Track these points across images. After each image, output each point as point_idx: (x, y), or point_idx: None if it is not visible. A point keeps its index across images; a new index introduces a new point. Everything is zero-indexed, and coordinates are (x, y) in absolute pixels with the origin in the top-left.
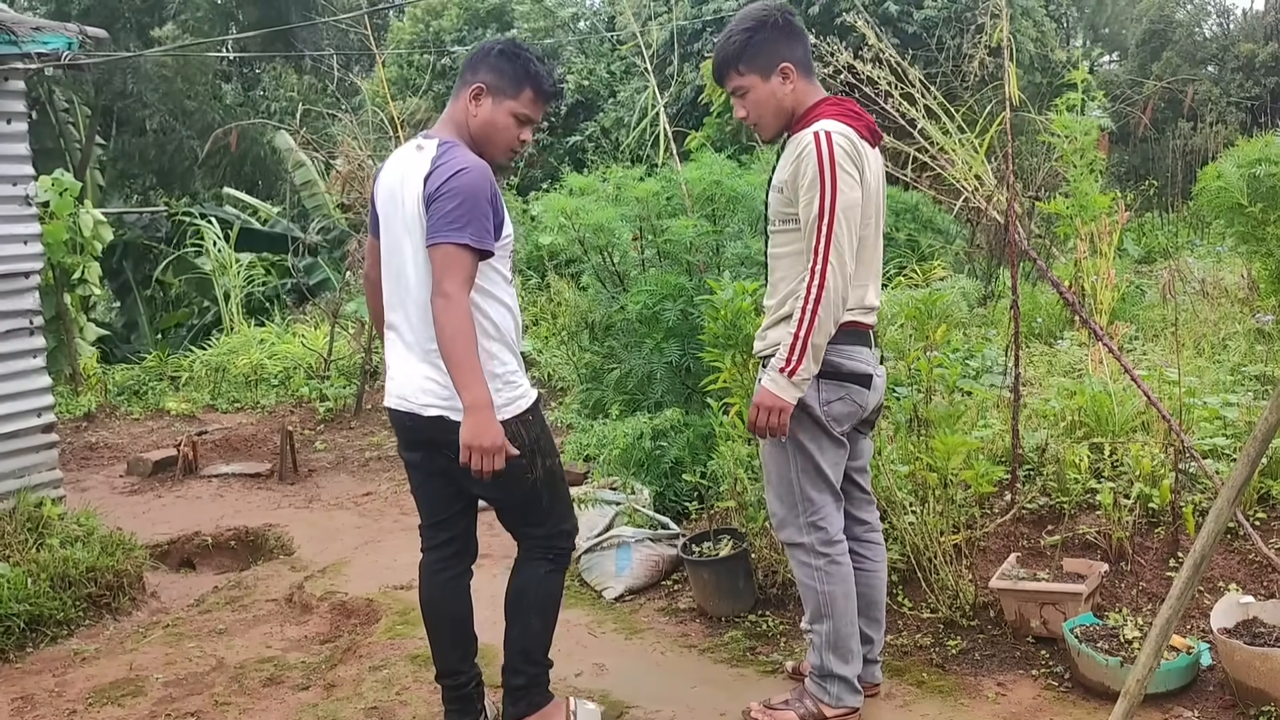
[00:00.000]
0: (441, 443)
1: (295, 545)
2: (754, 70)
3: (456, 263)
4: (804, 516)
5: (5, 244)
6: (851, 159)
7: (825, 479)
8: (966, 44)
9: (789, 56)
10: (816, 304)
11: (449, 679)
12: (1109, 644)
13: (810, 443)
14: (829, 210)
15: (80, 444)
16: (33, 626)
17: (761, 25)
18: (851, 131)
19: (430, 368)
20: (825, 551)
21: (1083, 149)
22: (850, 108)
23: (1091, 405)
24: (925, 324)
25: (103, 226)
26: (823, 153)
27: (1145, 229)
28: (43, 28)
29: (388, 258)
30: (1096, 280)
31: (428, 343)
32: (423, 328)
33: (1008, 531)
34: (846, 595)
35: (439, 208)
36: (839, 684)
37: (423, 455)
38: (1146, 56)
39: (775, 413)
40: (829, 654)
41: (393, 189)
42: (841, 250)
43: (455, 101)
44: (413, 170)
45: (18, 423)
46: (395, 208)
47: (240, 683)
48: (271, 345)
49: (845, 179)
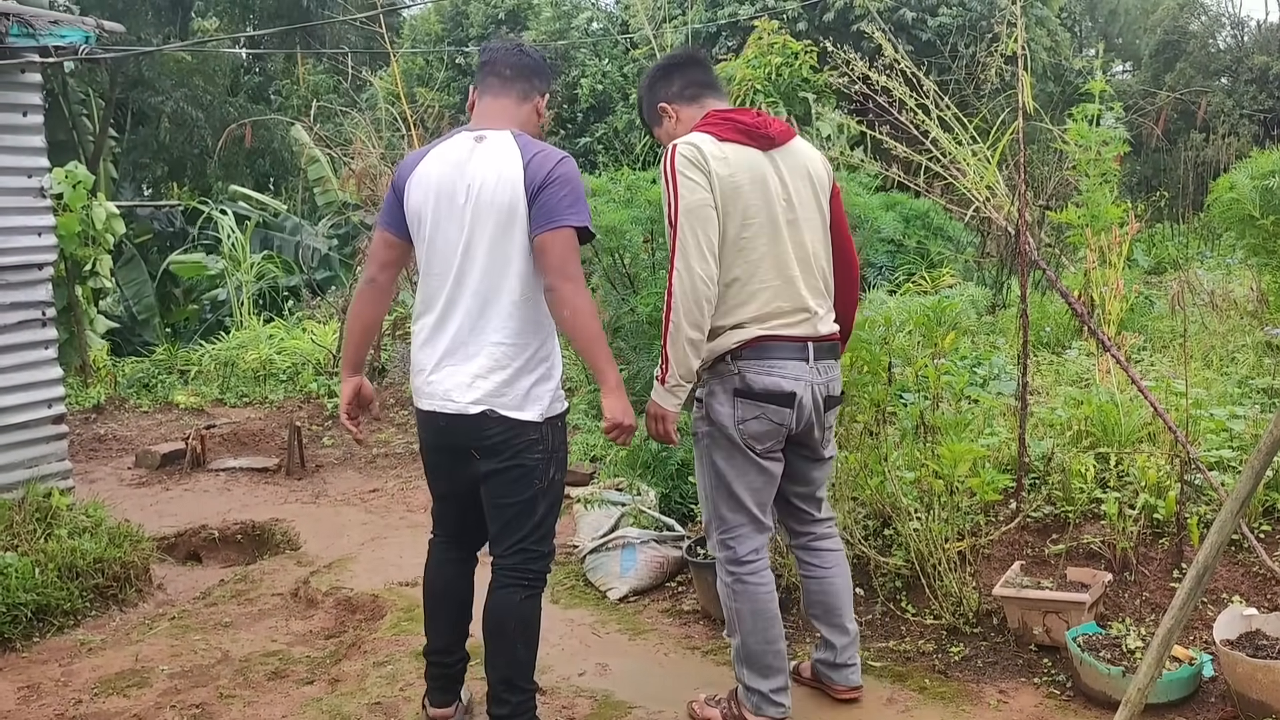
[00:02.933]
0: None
1: (301, 540)
2: (653, 123)
3: (574, 245)
4: (716, 534)
5: (20, 235)
6: (693, 163)
7: (739, 501)
8: (980, 52)
9: (661, 98)
10: (669, 310)
11: (440, 655)
12: (1111, 653)
13: (724, 462)
14: (674, 216)
15: (89, 436)
16: (40, 616)
17: (645, 83)
18: (705, 137)
19: (485, 362)
20: (733, 570)
21: (1099, 159)
22: (724, 116)
23: (1098, 415)
24: (934, 331)
25: (115, 219)
26: (665, 166)
27: (1155, 240)
28: (61, 21)
29: (443, 253)
30: (1106, 290)
31: (493, 335)
32: (482, 321)
33: (1012, 540)
34: (754, 614)
35: (553, 193)
36: (757, 695)
37: (452, 459)
38: (1160, 67)
39: (659, 420)
40: (741, 666)
41: (442, 184)
42: (688, 254)
43: (522, 105)
44: (491, 160)
45: (29, 413)
46: (460, 200)
47: (245, 676)
48: (280, 341)
49: (686, 184)
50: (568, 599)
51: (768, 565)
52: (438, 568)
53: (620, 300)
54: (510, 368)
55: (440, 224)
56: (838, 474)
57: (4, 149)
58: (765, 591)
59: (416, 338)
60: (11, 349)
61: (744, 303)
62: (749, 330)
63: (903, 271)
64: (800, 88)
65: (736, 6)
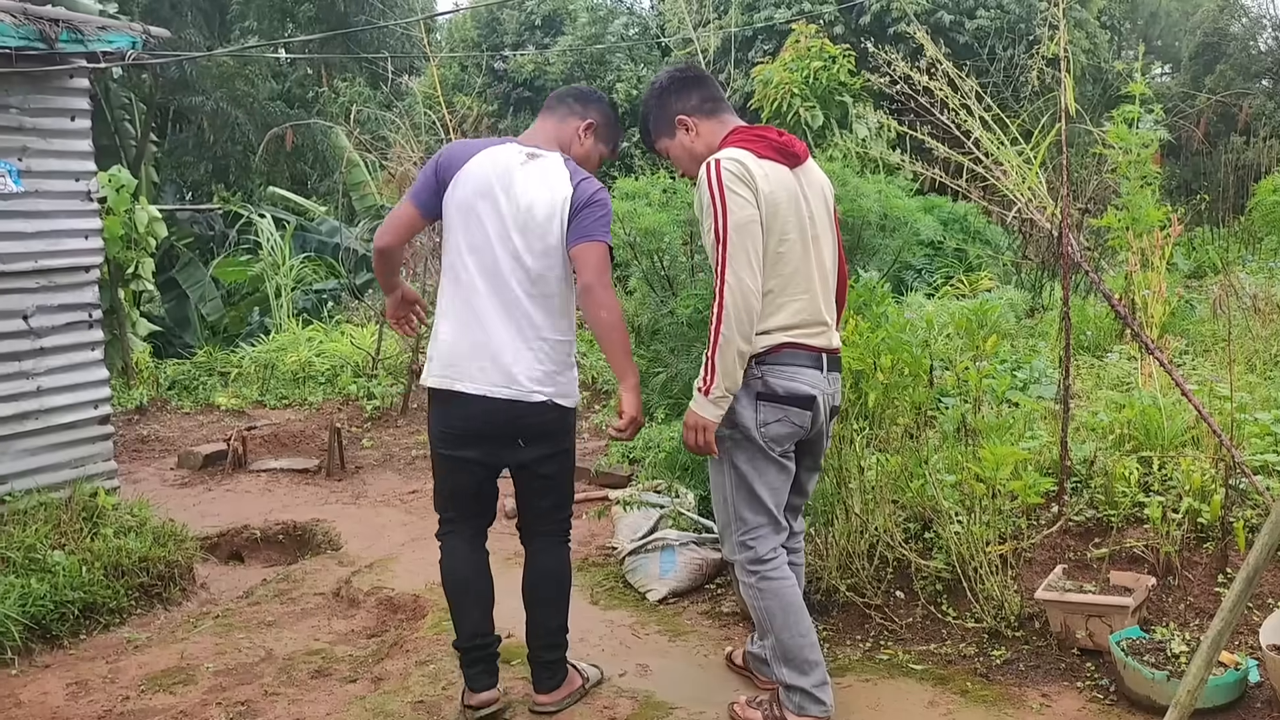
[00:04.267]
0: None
1: (342, 540)
2: (664, 134)
3: (607, 260)
4: (736, 535)
5: (67, 238)
6: (740, 179)
7: (760, 502)
8: (1018, 55)
9: (681, 109)
10: (719, 323)
11: (477, 640)
12: (1156, 658)
13: (746, 464)
14: (723, 231)
15: (132, 436)
16: (87, 614)
17: (655, 94)
18: (746, 154)
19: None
20: (754, 570)
21: (1139, 162)
22: (757, 133)
23: (1141, 419)
24: (975, 334)
25: (157, 223)
26: (711, 180)
27: (1196, 244)
28: (109, 27)
29: (491, 243)
30: (1148, 294)
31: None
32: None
33: (1054, 543)
34: (784, 609)
35: (591, 213)
36: (799, 695)
37: (481, 446)
38: (1200, 69)
39: (699, 431)
40: (780, 666)
41: (493, 183)
42: (738, 269)
43: (562, 124)
44: (543, 177)
45: (75, 414)
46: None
47: (289, 674)
48: (320, 343)
49: (734, 199)
50: (607, 600)
51: (785, 562)
52: (458, 563)
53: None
54: (560, 362)
55: (490, 218)
56: (878, 476)
57: (53, 153)
58: (789, 586)
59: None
60: (59, 350)
61: (773, 313)
62: (774, 337)
63: (941, 274)
64: (838, 91)
65: (773, 10)
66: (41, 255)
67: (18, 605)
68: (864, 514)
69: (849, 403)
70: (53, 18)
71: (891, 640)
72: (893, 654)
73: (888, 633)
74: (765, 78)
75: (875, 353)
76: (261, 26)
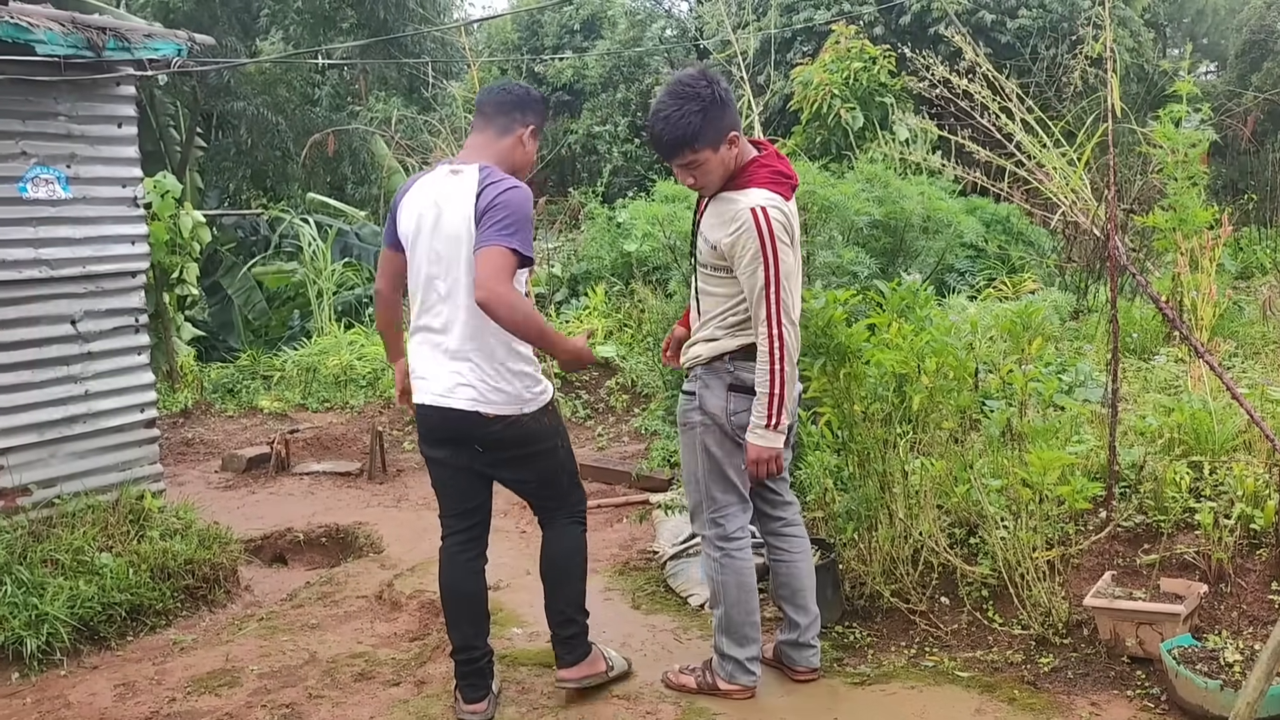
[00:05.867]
0: (473, 436)
1: (384, 543)
2: (708, 145)
3: (506, 264)
4: (707, 513)
5: (114, 244)
6: (785, 229)
7: (730, 482)
8: (1061, 54)
9: (734, 124)
10: (782, 363)
11: (466, 653)
12: (1208, 666)
13: (716, 448)
14: (774, 281)
15: (177, 439)
16: (134, 616)
17: (710, 101)
18: (781, 200)
19: (467, 366)
20: (721, 546)
21: (1186, 161)
22: (777, 170)
23: (1190, 423)
24: (1020, 337)
25: (201, 228)
26: (763, 231)
27: (1243, 244)
28: (154, 34)
29: (417, 270)
30: (1197, 295)
31: (469, 343)
32: (469, 331)
33: (1102, 549)
34: (739, 586)
35: (492, 216)
36: (732, 663)
37: (450, 451)
38: (1246, 67)
39: (769, 461)
40: (721, 635)
41: (422, 211)
42: (790, 311)
43: (504, 135)
44: (455, 192)
45: (122, 417)
46: (429, 227)
47: (333, 676)
48: (361, 347)
49: (784, 250)
50: (649, 605)
51: (750, 544)
52: (450, 570)
53: None
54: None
55: (419, 246)
56: (922, 481)
57: (100, 160)
58: (749, 567)
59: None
60: (106, 354)
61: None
62: (749, 338)
63: (983, 276)
64: (878, 92)
65: (812, 11)
66: (89, 261)
67: (66, 607)
68: (908, 519)
69: (893, 406)
70: (100, 26)
71: (937, 647)
72: (938, 660)
73: (933, 639)
74: (805, 79)
75: (919, 356)
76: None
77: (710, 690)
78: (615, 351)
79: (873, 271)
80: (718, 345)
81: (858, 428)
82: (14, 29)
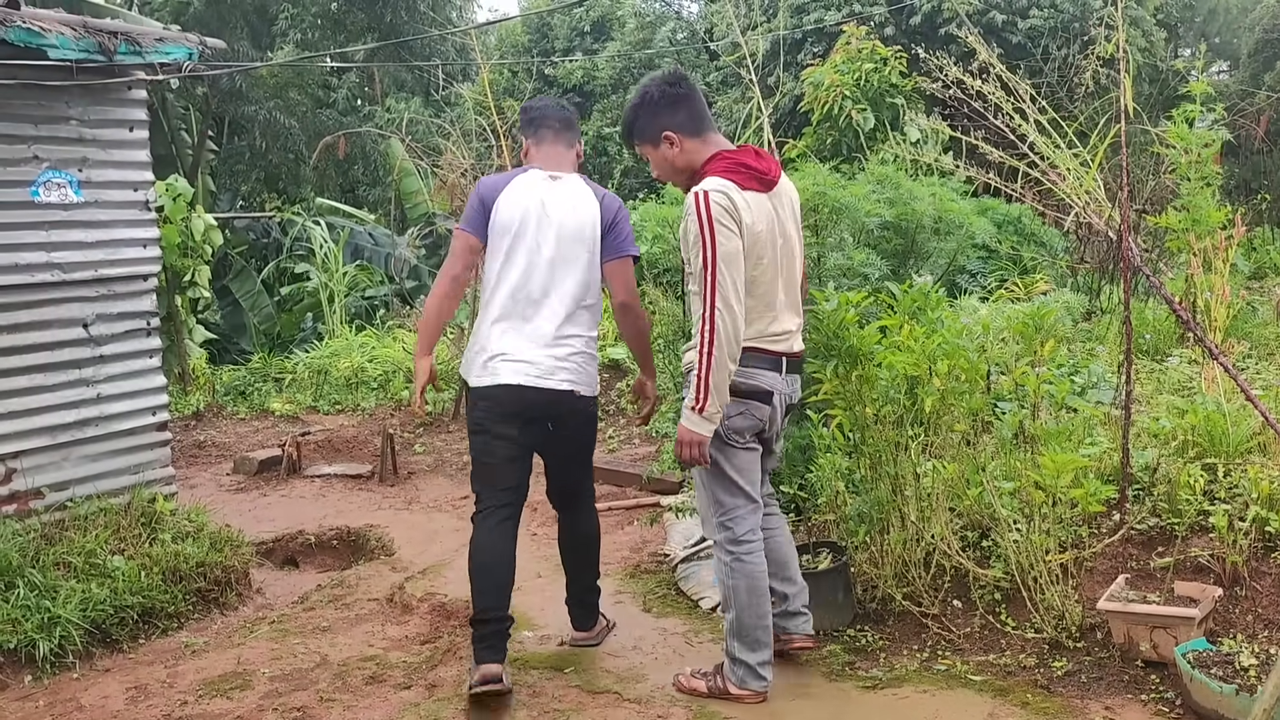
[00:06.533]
0: (559, 414)
1: (395, 546)
2: (645, 141)
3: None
4: (715, 518)
5: (126, 247)
6: (727, 212)
7: (735, 485)
8: (1073, 54)
9: (669, 125)
10: (711, 346)
11: (492, 614)
12: (1223, 671)
13: (716, 452)
14: (711, 263)
15: (189, 442)
16: (146, 619)
17: (642, 102)
18: (730, 185)
19: (567, 350)
20: (731, 550)
21: (1199, 161)
22: (740, 162)
23: (1204, 425)
24: (1032, 339)
25: (213, 231)
26: (701, 212)
27: (1256, 244)
28: (165, 39)
29: (513, 261)
30: (1210, 296)
31: (570, 329)
32: (568, 318)
33: (1116, 552)
34: (750, 590)
35: (621, 229)
36: (743, 668)
37: (523, 429)
38: (1259, 66)
39: (693, 446)
40: (733, 640)
41: (527, 209)
42: (726, 296)
43: (570, 150)
44: (568, 197)
45: (134, 420)
46: (534, 224)
47: (344, 680)
48: (372, 349)
49: (721, 231)
50: (660, 607)
51: (763, 547)
52: (491, 536)
53: None
54: (588, 354)
55: (527, 240)
56: (934, 483)
57: (112, 164)
58: (761, 570)
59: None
60: (118, 358)
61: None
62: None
63: (995, 278)
64: (889, 93)
65: (823, 12)
66: (101, 264)
67: (79, 610)
68: (920, 522)
69: (905, 409)
70: (111, 30)
71: (949, 650)
72: (951, 664)
73: (945, 642)
74: (815, 80)
75: (931, 358)
76: (311, 38)
77: (721, 695)
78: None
79: (884, 273)
80: None
81: (869, 430)
82: (26, 33)
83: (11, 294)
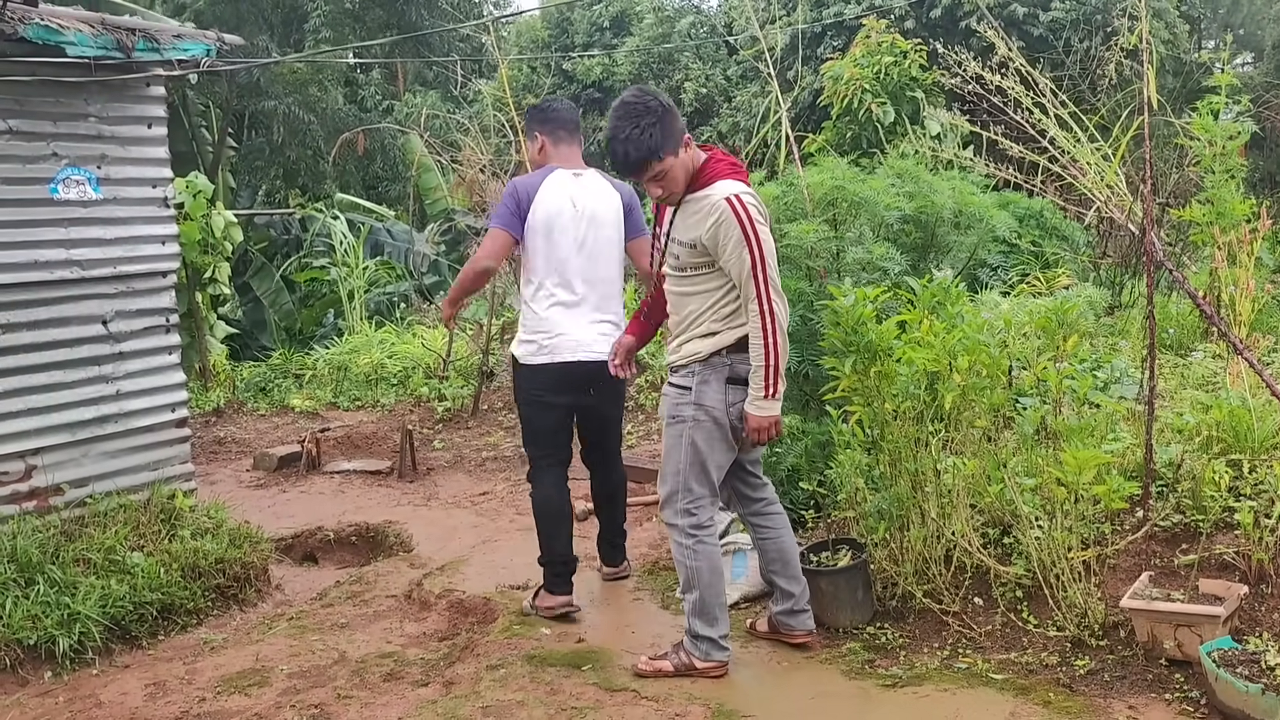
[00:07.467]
0: (603, 380)
1: (414, 542)
2: (671, 150)
3: None
4: (681, 503)
5: (145, 244)
6: (760, 211)
7: (708, 476)
8: (1095, 47)
9: (684, 128)
10: (775, 335)
11: (564, 555)
12: (1249, 670)
13: (704, 444)
14: (759, 260)
15: (209, 438)
16: (165, 615)
17: (663, 112)
18: (747, 187)
19: (610, 325)
20: (694, 533)
21: (1224, 154)
22: (733, 163)
23: (1229, 420)
24: (1054, 334)
25: (233, 228)
26: (741, 216)
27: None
28: (183, 35)
29: (552, 251)
30: (1235, 290)
31: (607, 306)
32: (604, 298)
33: (1139, 549)
34: (711, 570)
35: (636, 212)
36: (706, 642)
37: (573, 397)
38: None
39: (770, 427)
40: (695, 619)
41: (560, 205)
42: (776, 285)
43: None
44: (593, 191)
45: (153, 417)
46: (569, 217)
47: (361, 676)
48: (392, 345)
49: (764, 231)
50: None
51: (718, 531)
52: (557, 491)
53: None
54: (618, 327)
55: (561, 233)
56: (954, 480)
57: (130, 160)
58: (718, 553)
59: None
60: (137, 354)
61: None
62: (742, 332)
63: (1016, 272)
64: (909, 87)
65: (842, 6)
66: (120, 261)
67: (98, 606)
68: (940, 519)
69: (925, 405)
70: (129, 27)
71: (970, 648)
72: (971, 662)
73: (966, 640)
74: (835, 74)
75: (952, 354)
76: (330, 35)
77: (687, 670)
78: (644, 349)
79: (903, 268)
80: (717, 340)
81: (889, 426)
82: (45, 31)
83: (31, 291)
